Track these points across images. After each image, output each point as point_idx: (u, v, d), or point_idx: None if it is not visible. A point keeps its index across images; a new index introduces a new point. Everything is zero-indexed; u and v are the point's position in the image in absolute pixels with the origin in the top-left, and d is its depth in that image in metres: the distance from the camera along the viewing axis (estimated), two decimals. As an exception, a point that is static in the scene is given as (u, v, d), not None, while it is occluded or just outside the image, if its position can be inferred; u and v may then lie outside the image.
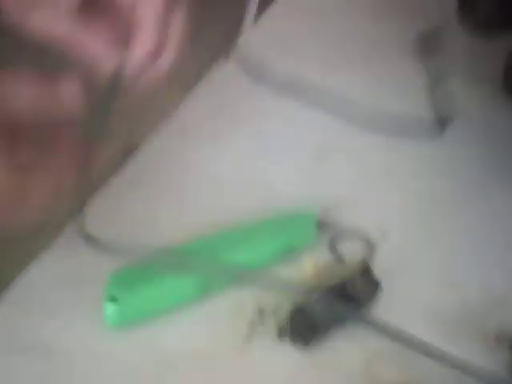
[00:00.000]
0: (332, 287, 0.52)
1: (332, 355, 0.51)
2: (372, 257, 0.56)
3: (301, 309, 0.51)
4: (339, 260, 0.57)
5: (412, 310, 0.55)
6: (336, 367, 0.51)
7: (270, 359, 0.51)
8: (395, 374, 0.51)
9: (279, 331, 0.51)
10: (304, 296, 0.52)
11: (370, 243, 0.58)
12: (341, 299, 0.52)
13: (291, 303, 0.52)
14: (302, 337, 0.51)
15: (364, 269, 0.54)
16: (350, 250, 0.58)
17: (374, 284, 0.54)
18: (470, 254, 0.59)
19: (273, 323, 0.51)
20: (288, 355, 0.51)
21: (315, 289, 0.52)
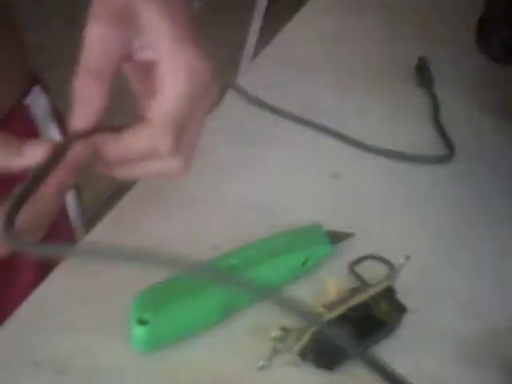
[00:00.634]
0: (356, 309, 0.51)
1: (354, 378, 0.50)
2: (395, 280, 0.55)
3: (324, 331, 0.50)
4: (362, 283, 0.56)
5: (435, 335, 0.53)
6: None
7: (291, 379, 0.50)
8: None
9: (302, 352, 0.50)
10: (327, 318, 0.50)
11: (392, 267, 0.57)
12: (365, 322, 0.51)
13: (315, 324, 0.50)
14: (324, 359, 0.50)
15: (388, 292, 0.53)
16: (372, 273, 0.57)
17: (398, 307, 0.52)
18: (494, 280, 0.58)
19: (296, 343, 0.50)
20: (310, 376, 0.50)
21: (338, 311, 0.51)
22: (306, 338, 0.49)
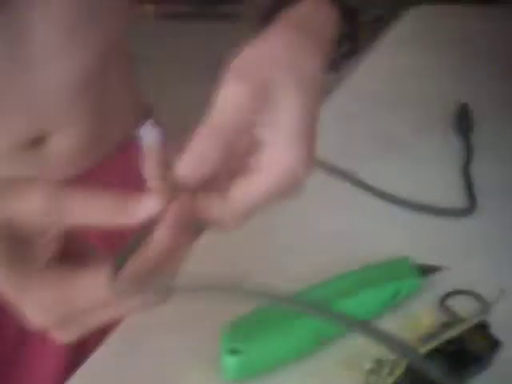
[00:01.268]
0: (449, 343, 0.51)
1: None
2: (487, 315, 0.54)
3: (419, 364, 0.49)
4: (454, 317, 0.55)
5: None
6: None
7: (385, 413, 0.49)
8: None
9: (395, 385, 0.50)
10: (422, 350, 0.50)
11: (484, 301, 0.56)
12: (458, 356, 0.50)
13: (409, 357, 0.50)
14: (417, 393, 0.49)
15: (481, 326, 0.52)
16: (463, 307, 0.56)
17: (492, 342, 0.52)
18: None
19: (389, 376, 0.50)
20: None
21: (432, 344, 0.51)
22: (399, 371, 0.49)
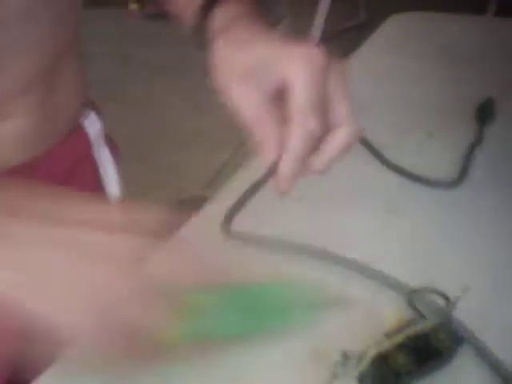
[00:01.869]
0: (414, 339, 0.53)
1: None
2: (452, 312, 0.56)
3: (384, 356, 0.52)
4: (419, 315, 0.57)
5: (491, 366, 0.54)
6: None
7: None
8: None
9: (361, 377, 0.51)
10: (387, 345, 0.52)
11: (448, 299, 0.58)
12: (422, 351, 0.52)
13: (374, 350, 0.52)
14: (383, 384, 0.51)
15: (445, 323, 0.54)
16: (429, 305, 0.58)
17: (455, 337, 0.54)
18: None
19: (355, 368, 0.51)
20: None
21: (397, 339, 0.53)
22: (365, 364, 0.51)
